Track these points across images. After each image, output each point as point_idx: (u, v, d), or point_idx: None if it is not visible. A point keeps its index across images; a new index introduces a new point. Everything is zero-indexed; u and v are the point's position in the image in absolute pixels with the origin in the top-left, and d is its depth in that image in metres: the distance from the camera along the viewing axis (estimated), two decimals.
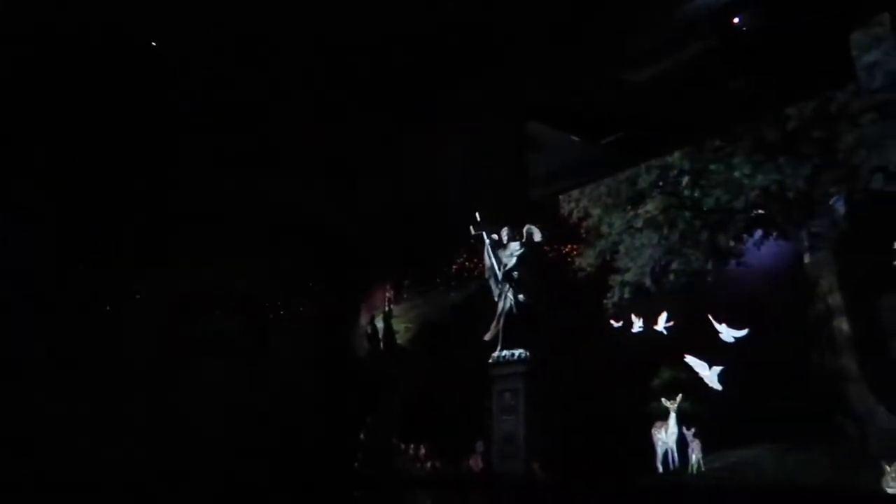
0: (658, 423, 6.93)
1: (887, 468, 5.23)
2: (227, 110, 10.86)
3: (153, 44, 7.66)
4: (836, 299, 5.95)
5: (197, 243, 11.82)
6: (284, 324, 12.73)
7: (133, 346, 11.02)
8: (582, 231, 8.29)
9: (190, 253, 11.77)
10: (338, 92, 10.35)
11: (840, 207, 6.07)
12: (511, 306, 8.90)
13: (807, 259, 6.21)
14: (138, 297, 11.50)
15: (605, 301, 7.81)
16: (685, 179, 7.37)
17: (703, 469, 6.51)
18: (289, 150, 11.66)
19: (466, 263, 10.32)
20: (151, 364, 11.05)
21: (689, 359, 6.79)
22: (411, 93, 11.04)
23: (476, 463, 8.95)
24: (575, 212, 8.46)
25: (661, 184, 7.62)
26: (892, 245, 5.56)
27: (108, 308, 11.23)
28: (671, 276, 7.28)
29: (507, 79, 9.72)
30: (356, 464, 11.28)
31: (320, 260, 13.04)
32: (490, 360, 8.93)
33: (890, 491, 5.19)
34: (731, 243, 6.87)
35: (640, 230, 7.69)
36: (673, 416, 6.81)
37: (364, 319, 12.17)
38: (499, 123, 9.91)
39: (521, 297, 8.85)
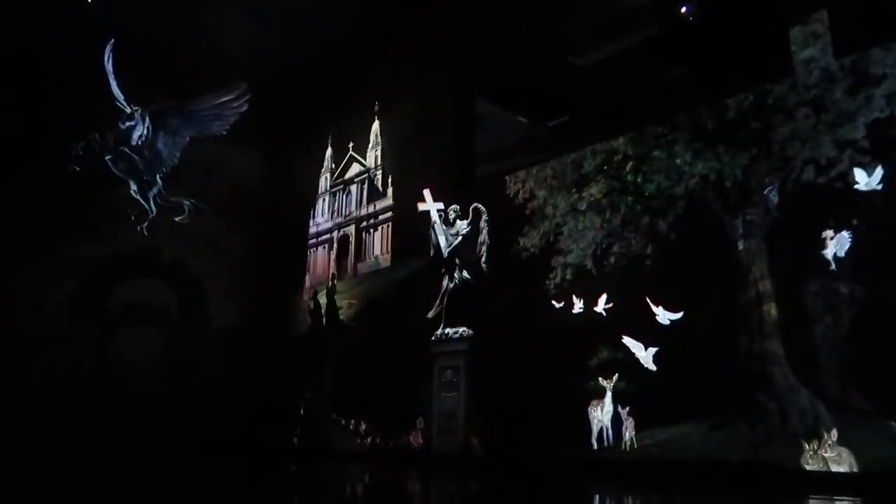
0: (594, 402, 7.08)
1: (806, 446, 5.53)
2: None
3: None
4: (765, 285, 6.16)
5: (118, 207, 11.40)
6: (216, 296, 12.44)
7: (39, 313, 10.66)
8: (527, 212, 8.35)
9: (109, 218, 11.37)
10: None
11: (773, 197, 6.26)
12: (455, 284, 8.96)
13: (740, 246, 6.40)
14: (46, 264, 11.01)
15: (547, 282, 7.91)
16: (628, 164, 7.50)
17: (635, 446, 6.71)
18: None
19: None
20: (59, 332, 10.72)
21: (627, 340, 6.93)
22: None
23: (416, 439, 9.03)
24: (521, 192, 8.51)
25: (605, 168, 7.73)
26: (820, 234, 5.81)
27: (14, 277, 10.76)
28: (612, 259, 7.40)
29: (453, 53, 9.69)
30: (295, 438, 11.23)
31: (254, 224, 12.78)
32: (433, 338, 8.99)
33: (808, 468, 5.49)
34: (670, 228, 7.02)
35: (583, 213, 7.79)
36: (609, 394, 6.98)
37: (307, 294, 12.03)
38: (447, 99, 9.88)
39: (465, 275, 8.91)
